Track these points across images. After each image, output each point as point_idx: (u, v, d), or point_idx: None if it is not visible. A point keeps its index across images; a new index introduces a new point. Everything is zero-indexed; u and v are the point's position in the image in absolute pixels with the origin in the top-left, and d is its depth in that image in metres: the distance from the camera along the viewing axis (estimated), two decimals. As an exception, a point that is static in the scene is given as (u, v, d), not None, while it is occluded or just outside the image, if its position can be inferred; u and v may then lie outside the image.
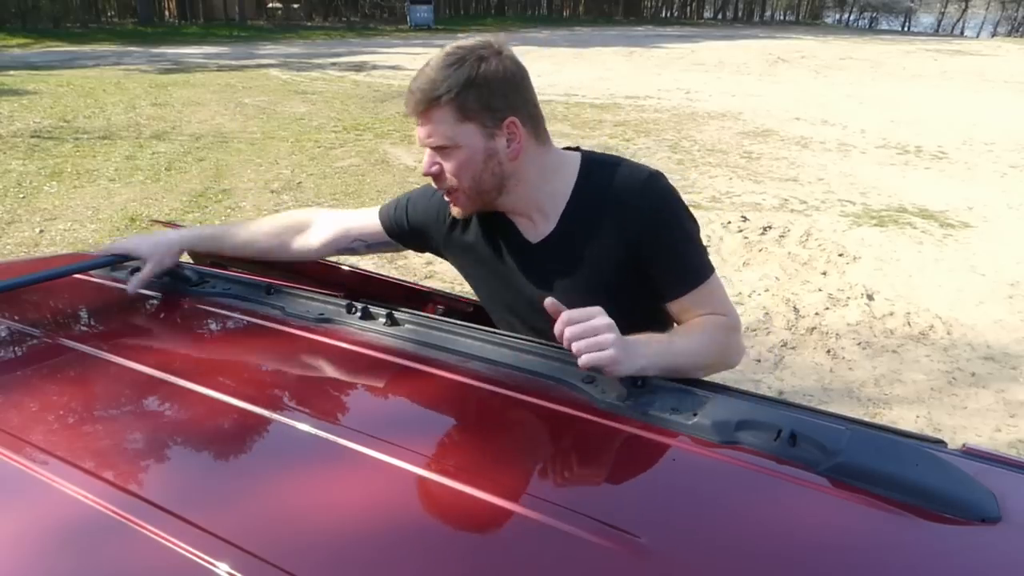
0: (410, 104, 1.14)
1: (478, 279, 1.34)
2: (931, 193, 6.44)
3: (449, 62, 1.10)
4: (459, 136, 1.12)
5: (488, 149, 1.13)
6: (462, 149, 1.12)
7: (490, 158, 1.13)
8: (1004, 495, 0.71)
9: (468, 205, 1.19)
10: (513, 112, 1.12)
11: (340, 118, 9.33)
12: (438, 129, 1.12)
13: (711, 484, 0.78)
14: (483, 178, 1.15)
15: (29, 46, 18.86)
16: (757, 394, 0.94)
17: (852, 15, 53.57)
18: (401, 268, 4.42)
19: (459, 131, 1.11)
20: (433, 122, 1.12)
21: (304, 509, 0.68)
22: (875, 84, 14.99)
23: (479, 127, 1.12)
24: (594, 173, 1.19)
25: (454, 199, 1.19)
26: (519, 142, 1.14)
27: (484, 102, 1.10)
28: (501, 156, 1.14)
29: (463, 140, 1.12)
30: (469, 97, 1.09)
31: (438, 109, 1.11)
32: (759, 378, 3.25)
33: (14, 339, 1.09)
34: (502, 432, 0.90)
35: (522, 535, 0.66)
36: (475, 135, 1.12)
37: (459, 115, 1.10)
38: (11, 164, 6.56)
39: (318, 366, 1.03)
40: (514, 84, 1.13)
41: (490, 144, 1.13)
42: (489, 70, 1.10)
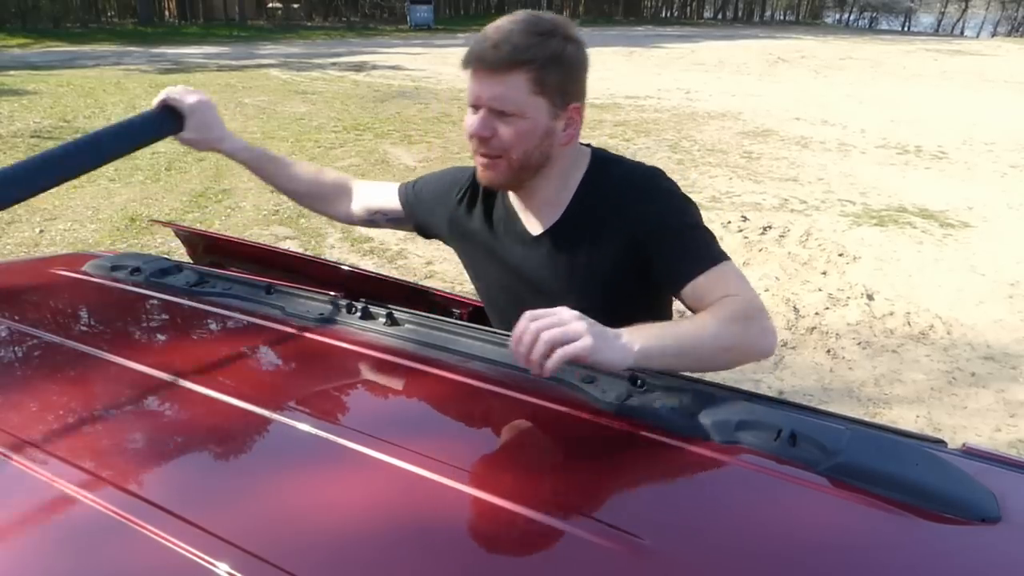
0: (486, 58, 1.08)
1: (476, 266, 1.35)
2: (931, 193, 6.44)
3: (538, 30, 1.08)
4: (527, 106, 1.10)
5: (548, 128, 1.13)
6: (525, 120, 1.11)
7: (547, 137, 1.13)
8: (1004, 495, 0.71)
9: (504, 176, 1.17)
10: (578, 99, 1.14)
11: (340, 118, 9.33)
12: (509, 93, 1.09)
13: (711, 484, 0.78)
14: (533, 154, 1.14)
15: (29, 46, 18.86)
16: (757, 394, 0.94)
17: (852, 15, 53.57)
18: (401, 268, 4.42)
19: (529, 102, 1.09)
20: (505, 84, 1.08)
21: (304, 509, 0.68)
22: (875, 84, 14.99)
23: (549, 104, 1.11)
24: (600, 171, 1.20)
25: (493, 166, 1.16)
26: (575, 129, 1.15)
27: (561, 82, 1.10)
28: (556, 138, 1.14)
29: (530, 112, 1.10)
30: (551, 72, 1.09)
31: (516, 73, 1.08)
32: (759, 378, 3.25)
33: (14, 339, 1.09)
34: (502, 432, 0.90)
35: (522, 535, 0.66)
36: (542, 110, 1.11)
37: (535, 87, 1.09)
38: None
39: (318, 366, 1.03)
40: (585, 72, 1.14)
41: (551, 123, 1.13)
42: (573, 52, 1.11)
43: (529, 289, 1.24)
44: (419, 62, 16.69)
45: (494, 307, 1.36)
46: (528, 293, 1.24)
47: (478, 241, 1.30)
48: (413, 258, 4.57)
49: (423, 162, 7.09)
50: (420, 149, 7.69)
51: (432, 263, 4.48)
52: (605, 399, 0.87)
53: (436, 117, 9.48)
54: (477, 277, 1.36)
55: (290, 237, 4.97)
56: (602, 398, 0.87)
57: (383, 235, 4.88)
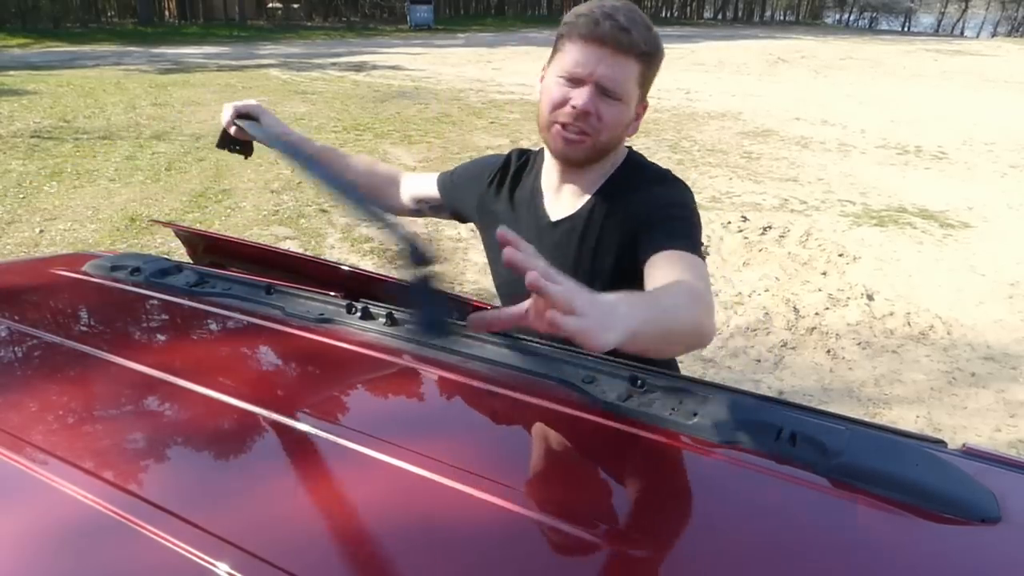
0: (614, 38, 1.08)
1: (492, 248, 1.36)
2: (931, 193, 6.44)
3: (648, 24, 1.13)
4: (631, 93, 1.14)
5: (631, 118, 1.18)
6: (624, 107, 1.14)
7: (628, 127, 1.18)
8: (1004, 495, 0.71)
9: (586, 153, 1.17)
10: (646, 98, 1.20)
11: (340, 118, 9.33)
12: (623, 77, 1.11)
13: (711, 484, 0.78)
14: (614, 140, 1.18)
15: (29, 46, 18.86)
16: (757, 394, 0.94)
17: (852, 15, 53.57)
18: (401, 268, 4.42)
19: (632, 91, 1.14)
20: (624, 69, 1.11)
21: (304, 509, 0.68)
22: (875, 84, 15.00)
23: (640, 96, 1.16)
24: (628, 171, 1.24)
25: (580, 141, 1.16)
26: (639, 124, 1.20)
27: (652, 78, 1.17)
28: (629, 128, 1.19)
29: (629, 99, 1.14)
30: (652, 68, 1.15)
31: (634, 61, 1.11)
32: (759, 378, 3.25)
33: (14, 339, 1.09)
34: (502, 432, 0.90)
35: (522, 535, 0.66)
36: (635, 101, 1.16)
37: (641, 78, 1.14)
38: (11, 164, 6.56)
39: (318, 366, 1.03)
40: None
41: (631, 114, 1.17)
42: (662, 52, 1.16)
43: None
44: (419, 62, 16.70)
45: (504, 290, 1.38)
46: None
47: (499, 221, 1.32)
48: (413, 258, 4.56)
49: (423, 162, 7.09)
50: (420, 149, 7.69)
51: (432, 263, 4.48)
52: (605, 399, 0.87)
53: (436, 117, 9.48)
54: (493, 260, 1.38)
55: (290, 237, 4.97)
56: (602, 398, 0.87)
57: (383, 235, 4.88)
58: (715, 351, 3.52)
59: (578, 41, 1.10)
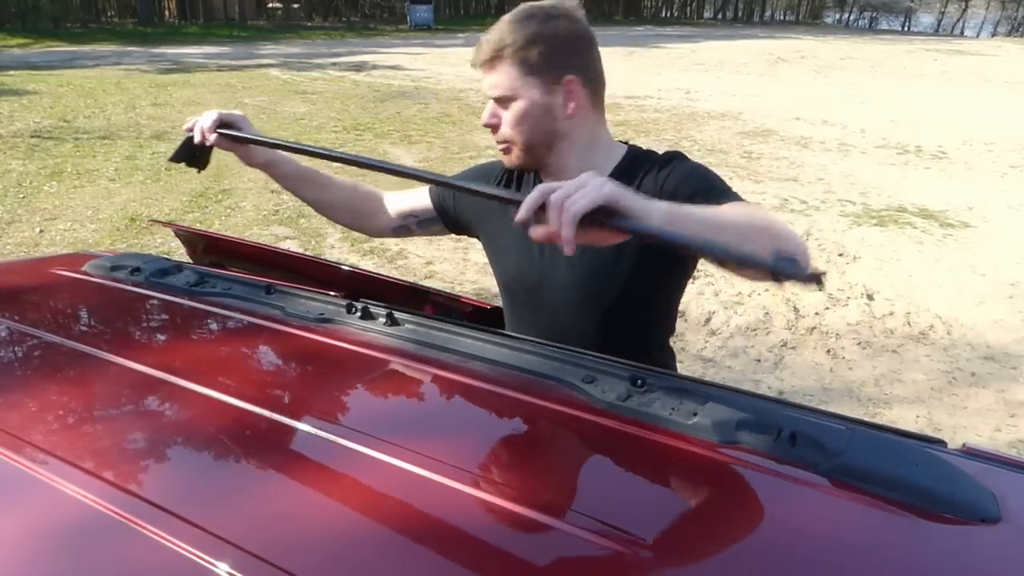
0: (477, 54, 1.17)
1: (495, 253, 1.36)
2: (931, 193, 6.44)
3: (519, 18, 1.15)
4: (519, 88, 1.15)
5: (545, 104, 1.16)
6: (520, 101, 1.16)
7: (546, 114, 1.17)
8: (1004, 495, 0.71)
9: (519, 158, 1.22)
10: (574, 71, 1.16)
11: (340, 118, 9.33)
12: (501, 80, 1.16)
13: (711, 484, 0.78)
14: (535, 132, 1.18)
15: (29, 46, 18.86)
16: (757, 394, 0.94)
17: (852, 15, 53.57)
18: (401, 268, 4.42)
19: (519, 84, 1.15)
20: (497, 73, 1.16)
21: (304, 509, 0.68)
22: (875, 84, 15.00)
23: (539, 81, 1.15)
24: (632, 162, 1.23)
25: (507, 151, 1.22)
26: (576, 101, 1.17)
27: (547, 58, 1.14)
28: (556, 113, 1.17)
29: (522, 93, 1.16)
30: (532, 52, 1.13)
31: (503, 61, 1.15)
32: (759, 378, 3.25)
33: (14, 339, 1.09)
34: (502, 432, 0.90)
35: (522, 535, 0.66)
36: (533, 89, 1.16)
37: (521, 69, 1.14)
38: (11, 164, 6.56)
39: (318, 366, 1.03)
40: (578, 45, 1.16)
41: (548, 99, 1.16)
42: (556, 28, 1.14)
43: (548, 271, 1.26)
44: (419, 62, 16.70)
45: (509, 296, 1.37)
46: (544, 278, 1.26)
47: (501, 226, 1.31)
48: (413, 258, 4.57)
49: (423, 162, 7.09)
50: (420, 149, 7.69)
51: (432, 263, 4.48)
52: (605, 399, 0.87)
53: (436, 117, 9.48)
54: (497, 264, 1.37)
55: (290, 237, 4.97)
56: (602, 398, 0.87)
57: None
58: (715, 351, 3.53)
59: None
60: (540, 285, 1.27)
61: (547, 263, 1.26)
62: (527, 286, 1.30)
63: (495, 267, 1.38)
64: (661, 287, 1.25)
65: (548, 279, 1.25)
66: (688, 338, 3.64)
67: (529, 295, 1.31)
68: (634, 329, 1.25)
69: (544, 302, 1.28)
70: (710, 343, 3.61)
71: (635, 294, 1.21)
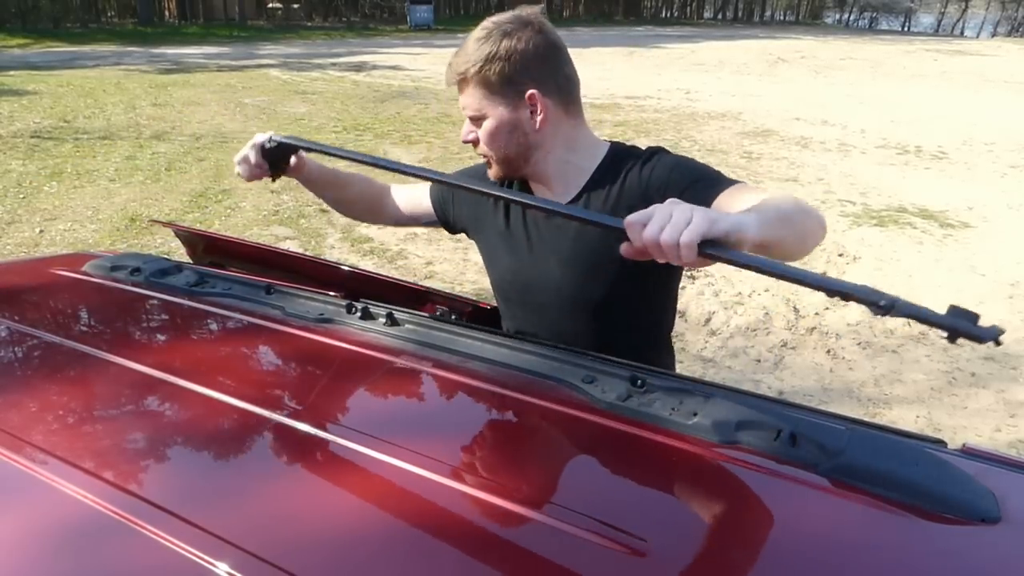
0: (446, 77, 1.21)
1: (490, 254, 1.37)
2: (931, 193, 6.44)
3: (479, 36, 1.16)
4: (485, 108, 1.18)
5: (512, 120, 1.18)
6: (489, 119, 1.19)
7: (515, 129, 1.19)
8: (1004, 495, 0.71)
9: (499, 170, 1.26)
10: (536, 85, 1.16)
11: (340, 118, 9.33)
12: (469, 101, 1.19)
13: (711, 484, 0.78)
14: (508, 147, 1.21)
15: (29, 46, 18.86)
16: (757, 394, 0.94)
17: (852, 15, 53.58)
18: (401, 268, 4.42)
19: (485, 103, 1.18)
20: (465, 94, 1.19)
21: (304, 509, 0.68)
22: (875, 84, 15.00)
23: (501, 99, 1.17)
24: (617, 158, 1.24)
25: (488, 164, 1.27)
26: (542, 113, 1.18)
27: (504, 76, 1.15)
28: (525, 127, 1.19)
29: (490, 111, 1.18)
30: (491, 71, 1.15)
31: (468, 83, 1.17)
32: (759, 378, 3.25)
33: (14, 339, 1.09)
34: (502, 432, 0.90)
35: (522, 535, 0.66)
36: (499, 107, 1.17)
37: (484, 89, 1.16)
38: (11, 164, 6.56)
39: (318, 366, 1.03)
40: (539, 57, 1.15)
41: (514, 116, 1.18)
42: (511, 45, 1.14)
43: (539, 271, 1.27)
44: (419, 62, 16.69)
45: (503, 295, 1.38)
46: (535, 278, 1.27)
47: (496, 228, 1.33)
48: (413, 258, 4.57)
49: (423, 162, 7.09)
50: (420, 149, 7.69)
51: (432, 263, 4.48)
52: (605, 399, 0.87)
53: (436, 117, 9.48)
54: (491, 264, 1.38)
55: (290, 237, 4.97)
56: (602, 398, 0.87)
57: (383, 235, 4.89)
58: (715, 351, 3.53)
59: None
60: (532, 285, 1.28)
61: (538, 263, 1.27)
62: (518, 286, 1.32)
63: (489, 268, 1.39)
64: (652, 284, 1.25)
65: (539, 279, 1.27)
66: (688, 338, 3.64)
67: (521, 295, 1.32)
68: (626, 326, 1.26)
69: (536, 302, 1.29)
70: (710, 343, 3.61)
71: (625, 292, 1.22)
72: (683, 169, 1.18)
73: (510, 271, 1.32)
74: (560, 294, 1.25)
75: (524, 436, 0.89)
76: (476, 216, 1.37)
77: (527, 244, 1.28)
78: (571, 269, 1.23)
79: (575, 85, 1.22)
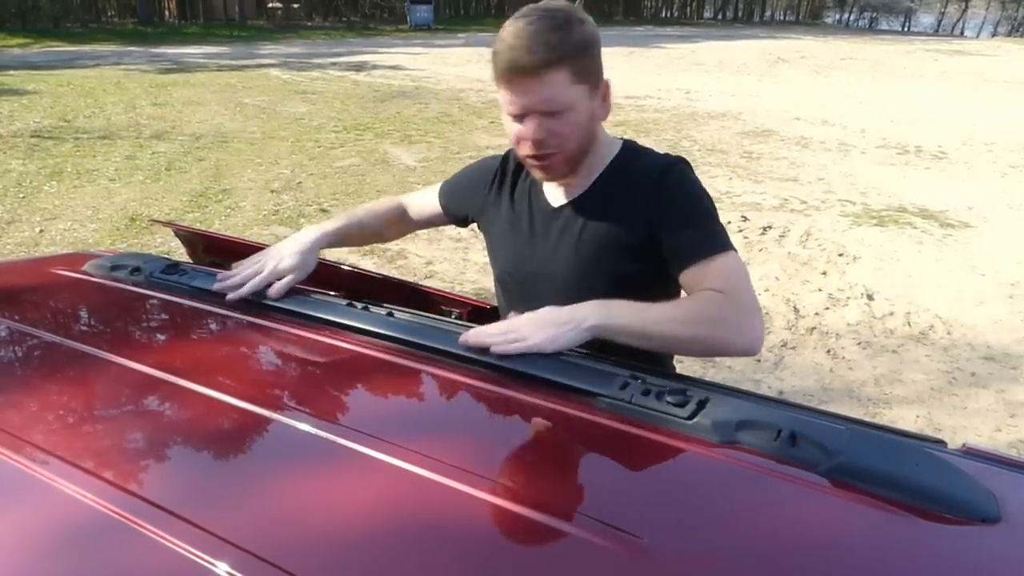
0: (523, 65, 1.08)
1: (495, 247, 1.37)
2: (931, 193, 6.44)
3: (555, 25, 1.09)
4: (575, 99, 1.13)
5: (593, 110, 1.17)
6: (574, 111, 1.14)
7: (593, 118, 1.18)
8: (1004, 495, 0.71)
9: (565, 167, 1.20)
10: (603, 73, 1.17)
11: (340, 118, 9.33)
12: (555, 93, 1.10)
13: (711, 484, 0.78)
14: (585, 139, 1.19)
15: (29, 46, 18.86)
16: (757, 394, 0.94)
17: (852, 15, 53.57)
18: (401, 268, 4.42)
19: (574, 93, 1.12)
20: (550, 86, 1.10)
21: (304, 509, 0.68)
22: (875, 84, 14.99)
23: (589, 88, 1.14)
24: (628, 157, 1.24)
25: (551, 162, 1.18)
26: (609, 100, 1.19)
27: (592, 64, 1.14)
28: (598, 116, 1.19)
29: (576, 101, 1.13)
30: (583, 60, 1.12)
31: (556, 72, 1.09)
32: (759, 378, 3.25)
33: (14, 339, 1.09)
34: (502, 432, 0.90)
35: (522, 535, 0.66)
36: (585, 97, 1.14)
37: (574, 77, 1.11)
38: (11, 164, 6.56)
39: (318, 366, 1.03)
40: (599, 46, 1.16)
41: (594, 104, 1.17)
42: (592, 32, 1.13)
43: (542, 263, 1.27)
44: (419, 62, 16.69)
45: (503, 287, 1.38)
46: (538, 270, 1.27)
47: (501, 219, 1.33)
48: (413, 258, 4.57)
49: (423, 162, 7.09)
50: (420, 149, 7.69)
51: (432, 263, 4.48)
52: (605, 399, 0.87)
53: (436, 117, 9.48)
54: (494, 257, 1.39)
55: (290, 237, 4.96)
56: (602, 398, 0.87)
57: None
58: (715, 351, 3.52)
59: (502, 82, 1.13)
60: (534, 277, 1.28)
61: (541, 256, 1.27)
62: (519, 277, 1.32)
63: (492, 258, 1.40)
64: (653, 281, 1.25)
65: (543, 271, 1.27)
66: (688, 338, 3.63)
67: (523, 287, 1.31)
68: None
69: (538, 295, 1.27)
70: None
71: (627, 290, 1.22)
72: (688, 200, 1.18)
73: (512, 263, 1.33)
74: (562, 288, 1.24)
75: (524, 436, 0.89)
76: (482, 208, 1.38)
77: (531, 236, 1.28)
78: (575, 264, 1.23)
79: None
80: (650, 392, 0.88)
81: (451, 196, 1.44)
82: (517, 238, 1.30)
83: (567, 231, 1.24)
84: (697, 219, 1.17)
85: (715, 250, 1.13)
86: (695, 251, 1.13)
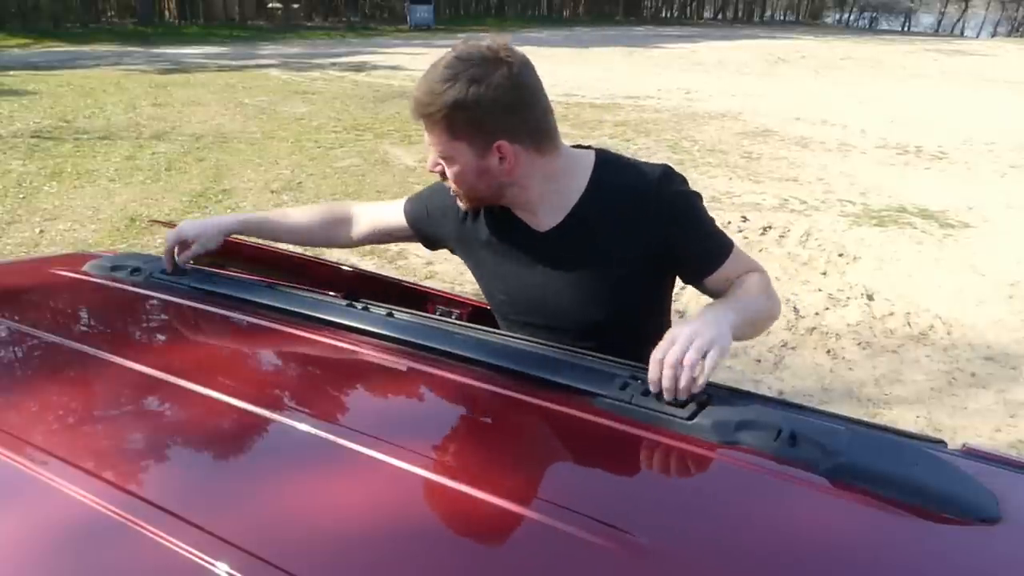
0: (410, 110, 1.14)
1: (485, 273, 1.34)
2: (931, 193, 6.44)
3: (445, 76, 1.07)
4: (452, 151, 1.12)
5: (480, 166, 1.13)
6: (456, 161, 1.13)
7: (483, 173, 1.14)
8: (1004, 495, 0.71)
9: (469, 201, 1.23)
10: (505, 134, 1.10)
11: (340, 118, 9.32)
12: (434, 139, 1.13)
13: (711, 484, 0.78)
14: (478, 187, 1.17)
15: (29, 46, 18.85)
16: (757, 394, 0.94)
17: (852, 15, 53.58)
18: (401, 268, 4.42)
19: (451, 146, 1.12)
20: (429, 132, 1.13)
21: (304, 509, 0.68)
22: (875, 84, 14.99)
23: (469, 146, 1.11)
24: (608, 172, 1.20)
25: (457, 194, 1.22)
26: (511, 162, 1.12)
27: (473, 125, 1.09)
28: (494, 172, 1.14)
29: (456, 155, 1.12)
30: (457, 119, 1.08)
31: (431, 122, 1.11)
32: (759, 378, 3.25)
33: (14, 339, 1.09)
34: (501, 432, 0.90)
35: (522, 535, 0.66)
36: (466, 152, 1.12)
37: (449, 134, 1.10)
38: (11, 164, 6.56)
39: (318, 366, 1.03)
40: (508, 106, 1.08)
41: (482, 162, 1.12)
42: (480, 92, 1.06)
43: (535, 290, 1.24)
44: (419, 62, 16.67)
45: (500, 311, 1.35)
46: (539, 302, 1.25)
47: (486, 247, 1.29)
48: (413, 258, 4.57)
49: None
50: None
51: (432, 263, 4.48)
52: (605, 399, 0.87)
53: (436, 117, 9.46)
54: (486, 284, 1.36)
55: (290, 237, 4.96)
56: (602, 398, 0.87)
57: (383, 235, 4.87)
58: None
59: None
60: (535, 308, 1.26)
61: (541, 281, 1.23)
62: (520, 306, 1.29)
63: (484, 288, 1.36)
64: (656, 296, 1.27)
65: (543, 304, 1.24)
66: (688, 338, 3.63)
67: (522, 315, 1.29)
68: (630, 338, 1.24)
69: (539, 324, 1.25)
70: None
71: (631, 309, 1.22)
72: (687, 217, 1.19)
73: (508, 292, 1.30)
74: (568, 308, 1.23)
75: (524, 436, 0.89)
76: (459, 237, 1.32)
77: (526, 263, 1.24)
78: (579, 283, 1.21)
79: (548, 120, 1.15)
80: (650, 392, 0.88)
81: (419, 216, 1.37)
82: (509, 265, 1.26)
83: (556, 258, 1.21)
84: (705, 228, 1.21)
85: (727, 249, 1.21)
86: (715, 257, 1.20)
